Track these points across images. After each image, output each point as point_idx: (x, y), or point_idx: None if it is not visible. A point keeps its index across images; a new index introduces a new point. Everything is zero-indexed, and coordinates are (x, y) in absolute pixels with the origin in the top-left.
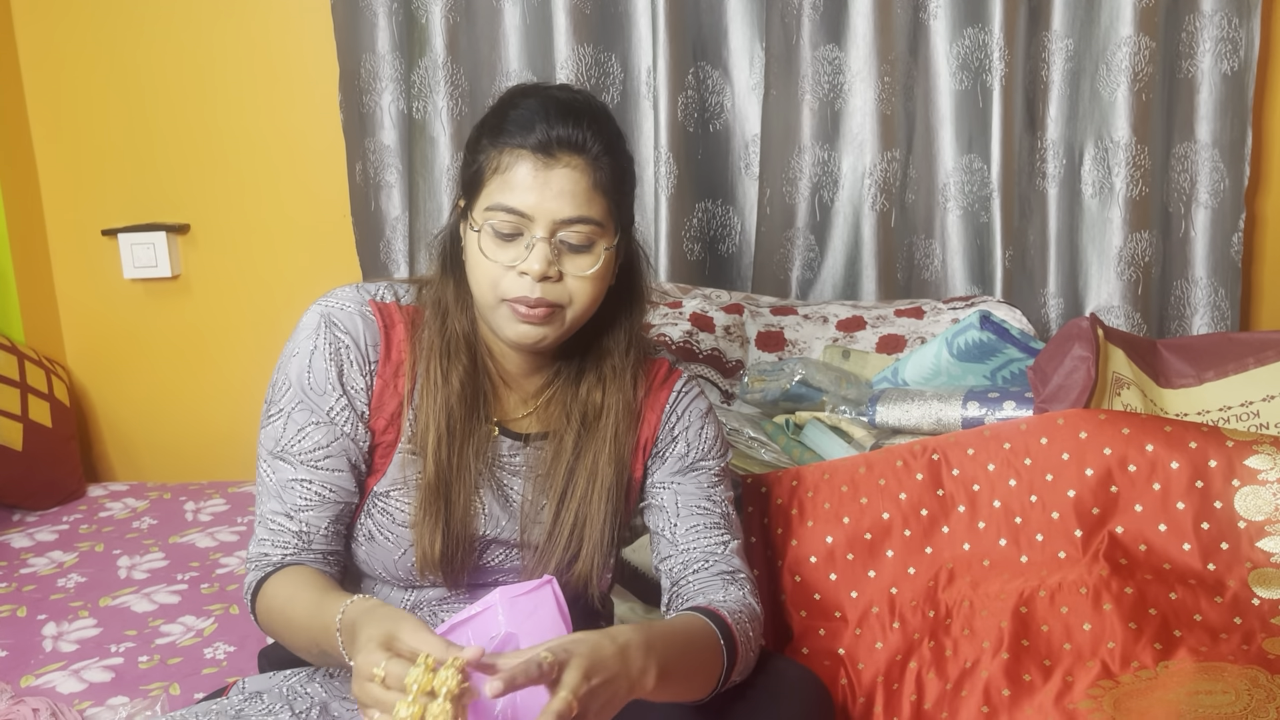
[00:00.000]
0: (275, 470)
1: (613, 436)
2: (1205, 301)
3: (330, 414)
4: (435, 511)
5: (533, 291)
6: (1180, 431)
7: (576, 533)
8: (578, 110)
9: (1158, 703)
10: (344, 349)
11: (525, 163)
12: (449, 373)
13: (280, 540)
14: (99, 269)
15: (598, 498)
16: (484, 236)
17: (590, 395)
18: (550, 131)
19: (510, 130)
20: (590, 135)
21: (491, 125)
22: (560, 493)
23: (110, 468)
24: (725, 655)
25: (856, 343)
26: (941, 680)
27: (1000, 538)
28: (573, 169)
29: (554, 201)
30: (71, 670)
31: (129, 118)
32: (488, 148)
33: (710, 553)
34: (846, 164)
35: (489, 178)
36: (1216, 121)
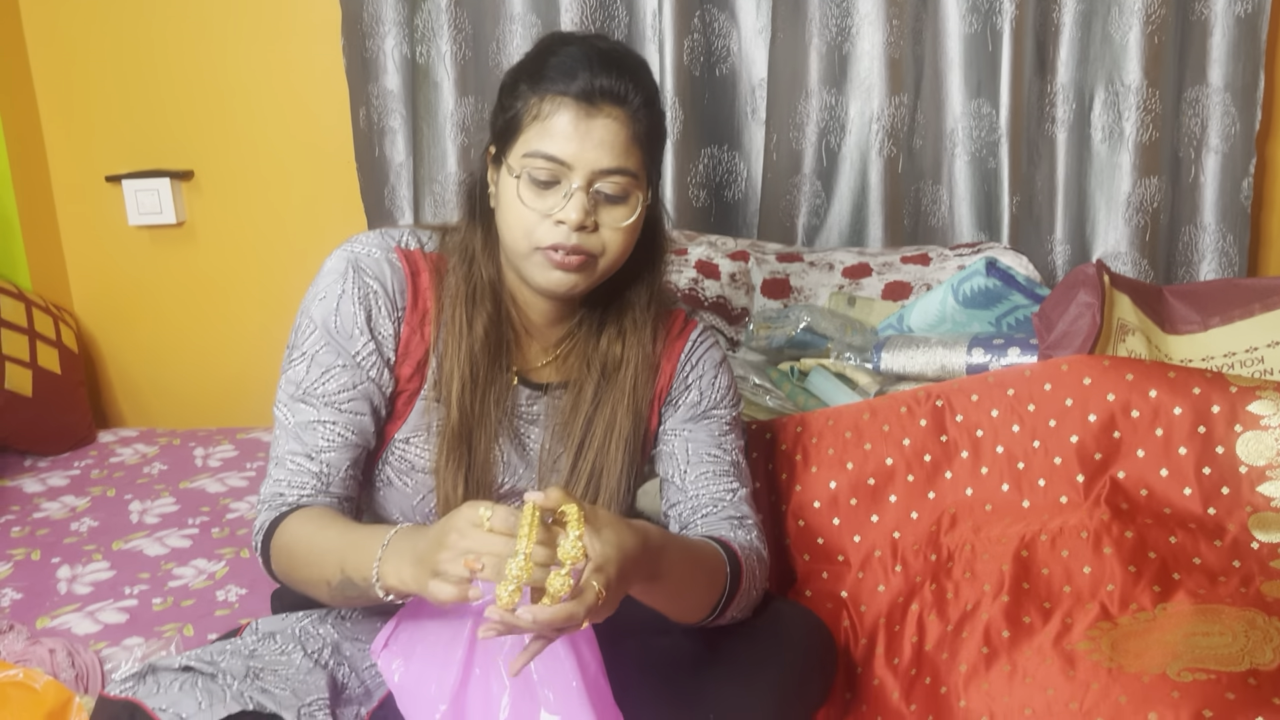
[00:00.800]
0: (295, 413)
1: (631, 388)
2: (1213, 248)
3: (356, 358)
4: (458, 457)
5: (569, 239)
6: (1184, 377)
7: (593, 482)
8: (620, 61)
9: (1155, 644)
10: (372, 295)
11: (567, 111)
12: (473, 319)
13: (298, 481)
14: (103, 216)
15: (615, 448)
16: (522, 184)
17: (610, 347)
18: (594, 81)
19: (552, 77)
20: (632, 87)
21: (531, 71)
22: (578, 443)
23: (120, 414)
24: (728, 583)
25: (862, 290)
26: (942, 622)
27: (1002, 483)
28: (614, 120)
29: (594, 151)
30: (86, 612)
31: (131, 62)
32: (526, 94)
33: (719, 499)
34: (854, 109)
35: (528, 124)
36: (1229, 65)
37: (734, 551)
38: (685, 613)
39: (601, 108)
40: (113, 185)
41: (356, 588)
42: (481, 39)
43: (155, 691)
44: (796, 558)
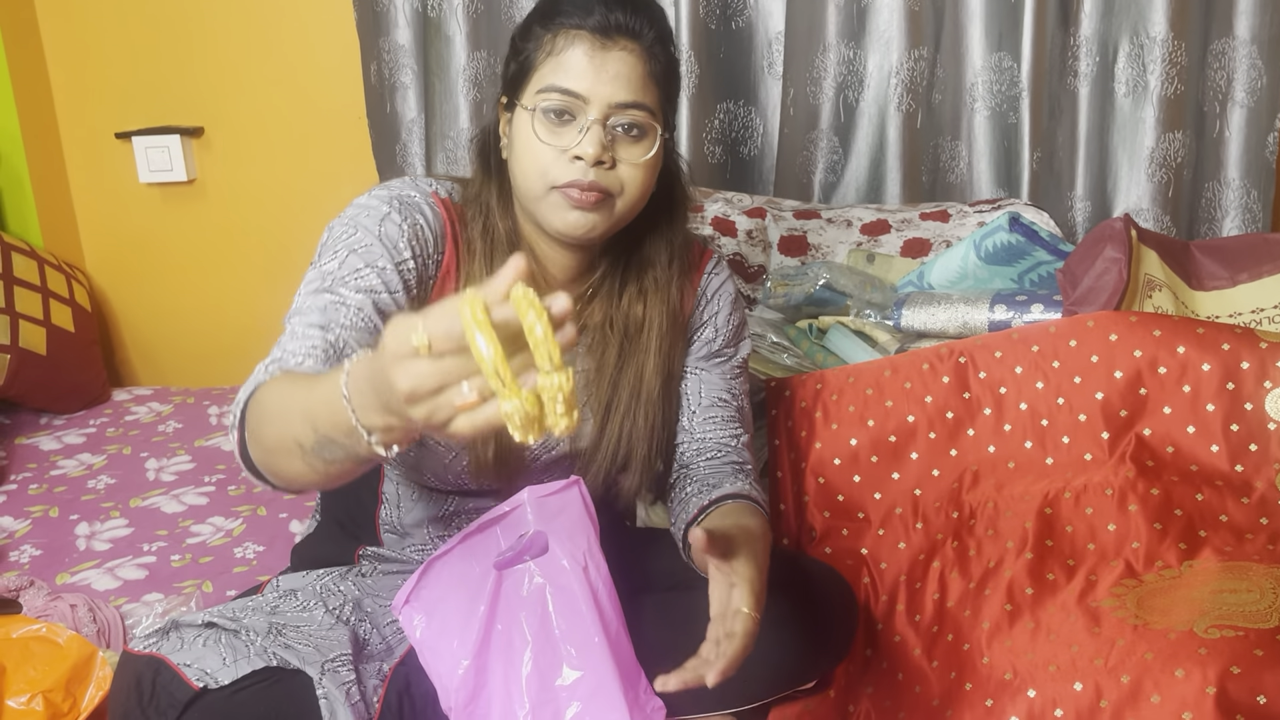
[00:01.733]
0: (315, 300)
1: (656, 349)
2: (1237, 204)
3: (400, 267)
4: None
5: (585, 175)
6: (1213, 333)
7: (624, 446)
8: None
9: (1181, 600)
10: (418, 229)
11: (581, 44)
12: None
13: (307, 346)
14: (114, 173)
15: (643, 411)
16: (536, 120)
17: (631, 307)
18: (609, 15)
19: (566, 11)
20: (646, 23)
21: (544, 9)
22: (605, 405)
23: (133, 372)
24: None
25: (881, 246)
26: (965, 579)
27: (1026, 440)
28: (629, 53)
29: (610, 85)
30: (106, 568)
31: (139, 18)
32: (539, 33)
33: (724, 444)
34: (872, 63)
35: (541, 61)
36: (1257, 16)
37: (762, 506)
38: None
39: (617, 40)
40: (123, 142)
41: (336, 444)
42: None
43: (179, 647)
44: (816, 514)
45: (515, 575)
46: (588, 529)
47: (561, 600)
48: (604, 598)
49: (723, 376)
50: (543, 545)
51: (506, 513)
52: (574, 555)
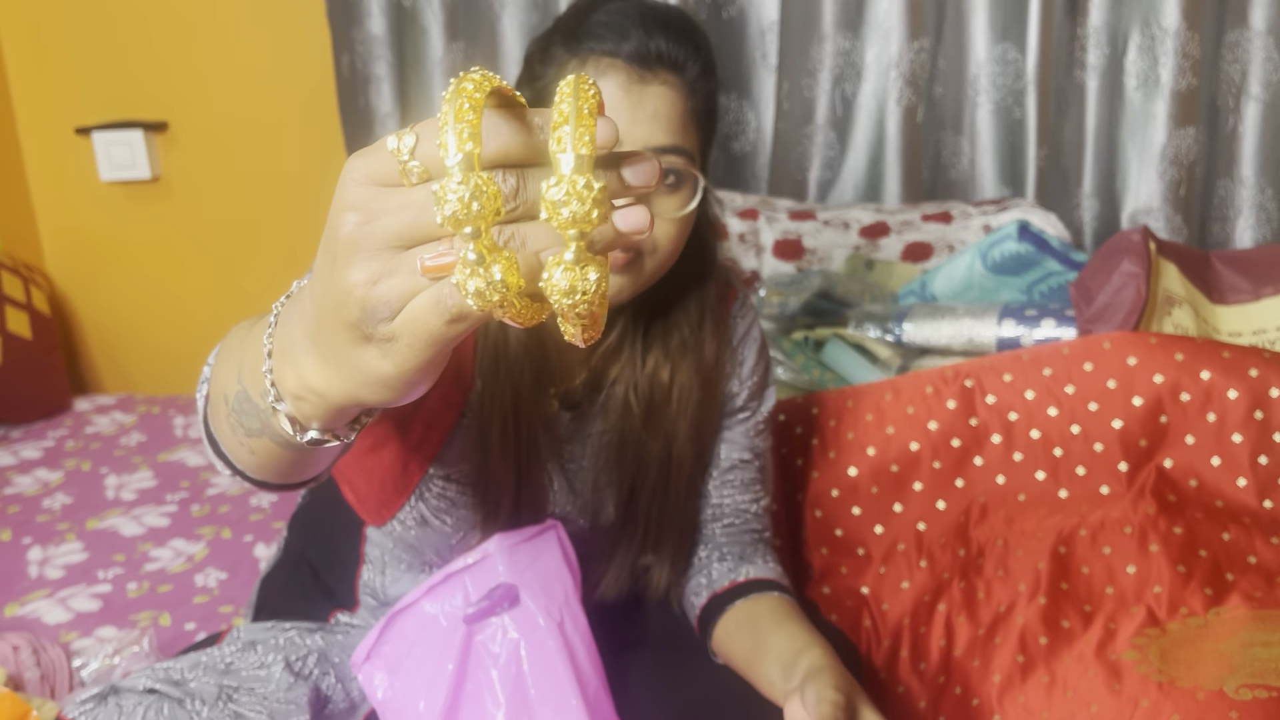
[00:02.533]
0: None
1: (688, 419)
2: (1251, 202)
3: None
4: (503, 491)
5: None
6: (1240, 358)
7: (653, 530)
8: (679, 22)
9: (1208, 654)
10: None
11: (616, 74)
12: (509, 338)
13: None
14: (74, 171)
15: (674, 490)
16: None
17: (658, 373)
18: (649, 41)
19: (599, 34)
20: (691, 52)
21: (569, 30)
22: (629, 482)
23: (98, 378)
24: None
25: (880, 250)
26: (973, 625)
27: (1038, 471)
28: (670, 88)
29: (646, 125)
30: (58, 598)
31: (100, 6)
32: (563, 57)
33: (742, 510)
34: (871, 54)
35: (552, 86)
36: (1273, 6)
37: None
38: None
39: (657, 73)
40: (82, 138)
41: (254, 406)
42: None
43: (115, 718)
44: (814, 551)
45: (486, 630)
46: (565, 579)
47: (536, 658)
48: (582, 656)
49: (745, 434)
50: (514, 597)
51: (474, 562)
52: (549, 610)
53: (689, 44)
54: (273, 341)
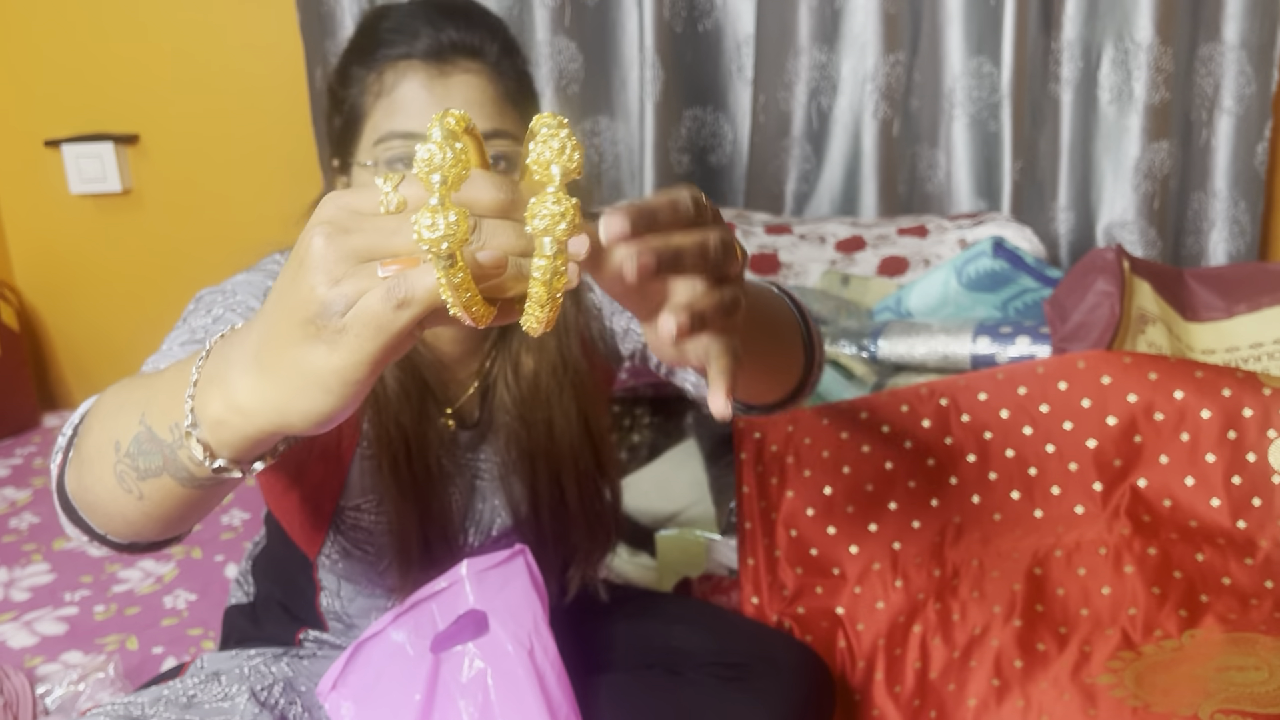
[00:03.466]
0: (183, 353)
1: (560, 400)
2: (1224, 215)
3: None
4: (407, 521)
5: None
6: (1213, 378)
7: (561, 515)
8: (467, 9)
9: (1184, 678)
10: None
11: (415, 75)
12: (384, 379)
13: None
14: (43, 184)
15: (568, 476)
16: (379, 174)
17: (522, 364)
18: (439, 34)
19: (390, 40)
20: (485, 36)
21: (360, 44)
22: (528, 482)
23: (68, 393)
24: (800, 321)
25: (856, 265)
26: (948, 648)
27: (1013, 490)
28: (474, 75)
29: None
30: (23, 622)
31: (69, 18)
32: (361, 75)
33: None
34: (847, 67)
35: (371, 106)
36: (1245, 21)
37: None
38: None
39: (457, 64)
40: (51, 150)
41: (156, 443)
42: None
43: None
44: (788, 570)
45: (454, 658)
46: (534, 605)
47: (505, 686)
48: (551, 682)
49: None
50: (482, 624)
51: (443, 589)
52: (518, 637)
53: (482, 28)
54: (201, 371)
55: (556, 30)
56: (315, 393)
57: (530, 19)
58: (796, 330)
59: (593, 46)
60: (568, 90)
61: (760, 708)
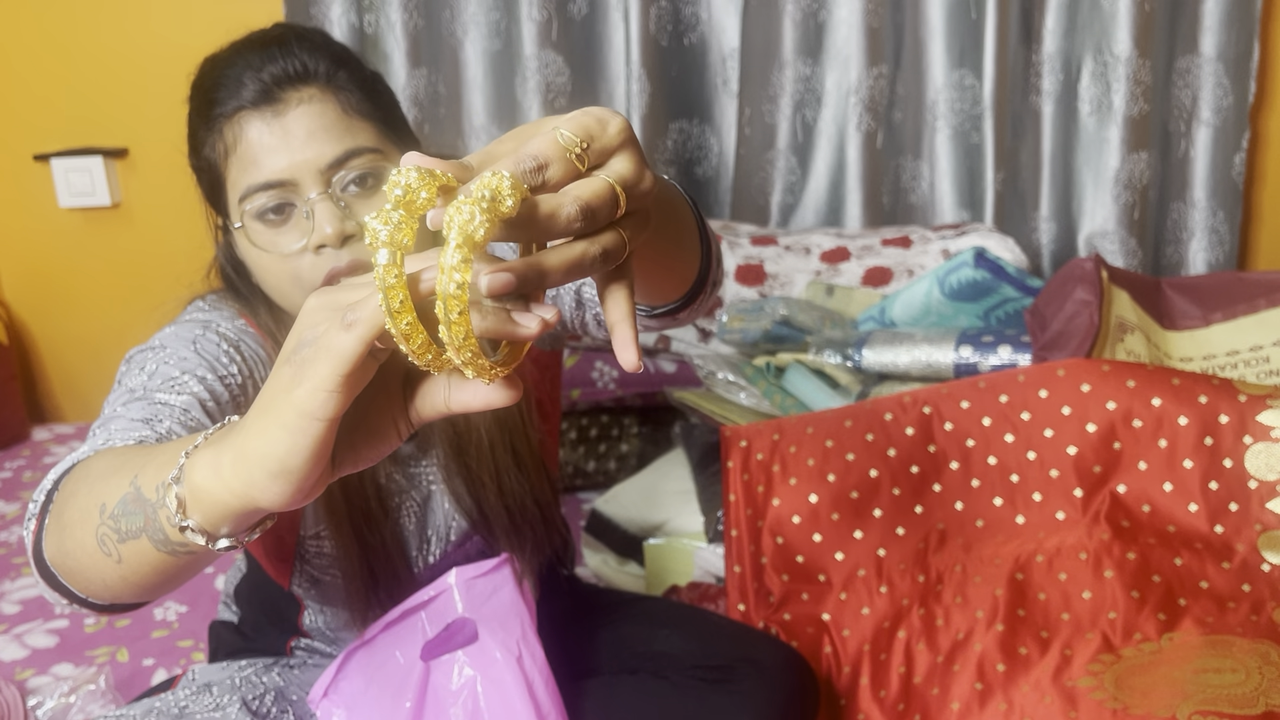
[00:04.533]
0: (131, 409)
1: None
2: (1203, 225)
3: (225, 380)
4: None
5: (340, 260)
6: (1190, 385)
7: (510, 511)
8: (280, 39)
9: (1162, 680)
10: (241, 347)
11: (252, 124)
12: None
13: (123, 438)
14: (32, 198)
15: (506, 464)
16: (254, 231)
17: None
18: (261, 73)
19: (219, 99)
20: (308, 56)
21: (197, 109)
22: (466, 476)
23: (57, 407)
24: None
25: (841, 275)
26: (932, 652)
27: (995, 497)
28: (311, 100)
29: (307, 148)
30: (14, 635)
31: (58, 32)
32: (206, 137)
33: None
34: (831, 80)
35: (224, 166)
36: (1222, 34)
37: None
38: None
39: (288, 97)
40: (41, 164)
41: (140, 503)
42: (434, 6)
43: None
44: (774, 577)
45: (443, 666)
46: (521, 613)
47: (494, 693)
48: (540, 688)
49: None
50: (471, 633)
51: (432, 598)
52: (507, 644)
53: (302, 51)
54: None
55: (544, 44)
56: (278, 434)
57: (518, 32)
58: (693, 227)
59: (579, 60)
60: (554, 104)
61: (745, 709)
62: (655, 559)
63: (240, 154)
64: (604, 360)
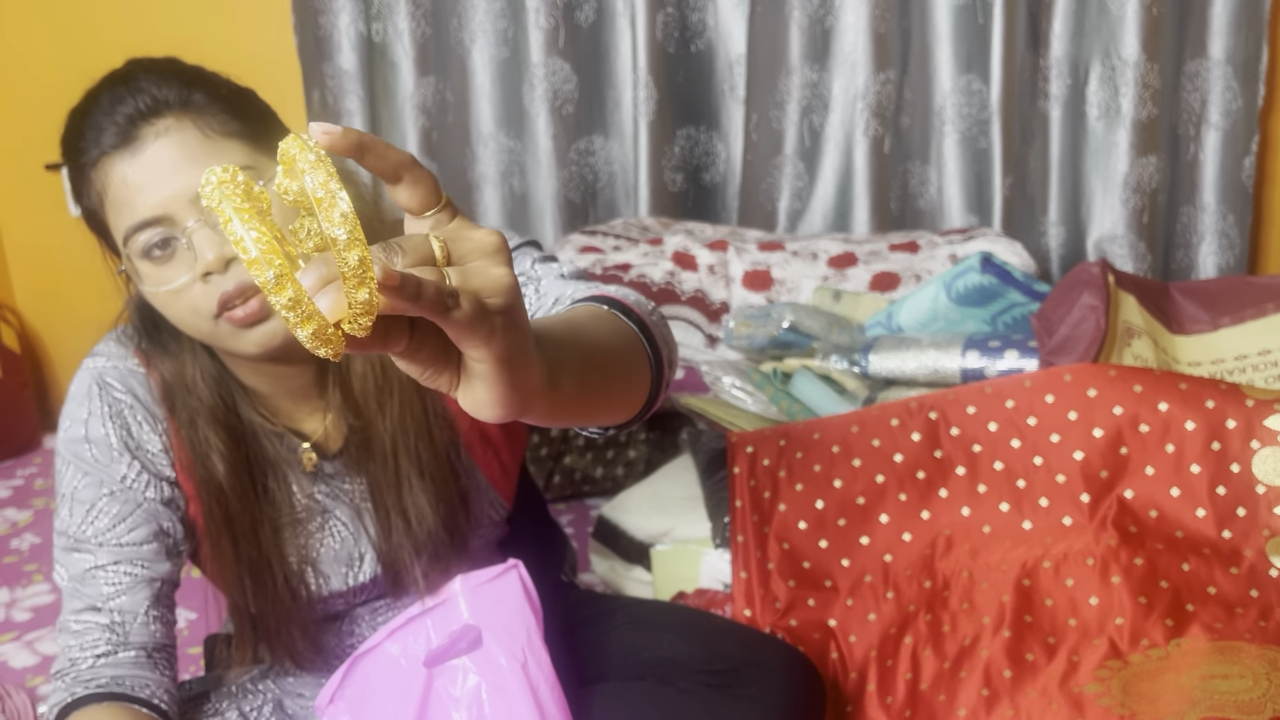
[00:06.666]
0: (70, 565)
1: (394, 415)
2: (1213, 229)
3: (124, 482)
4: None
5: (229, 284)
6: (1197, 389)
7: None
8: (129, 76)
9: (1169, 686)
10: (126, 409)
11: (115, 166)
12: (209, 461)
13: (89, 640)
14: (44, 206)
15: (419, 489)
16: (145, 269)
17: (351, 365)
18: (115, 114)
19: (81, 150)
20: (157, 88)
21: (66, 160)
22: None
23: None
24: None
25: (848, 281)
26: (939, 658)
27: (1001, 502)
28: (169, 132)
29: (173, 179)
30: (25, 641)
31: (69, 42)
32: (80, 185)
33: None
34: (838, 86)
35: (103, 212)
36: (1230, 37)
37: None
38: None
39: (143, 134)
40: (52, 174)
41: None
42: (441, 15)
43: None
44: (780, 583)
45: (448, 673)
46: (528, 619)
47: (499, 700)
48: (545, 695)
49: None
50: (476, 639)
51: (437, 604)
52: (512, 651)
53: (151, 84)
54: None
55: (551, 52)
56: None
57: (525, 40)
58: (641, 357)
59: (587, 67)
60: (562, 110)
61: (752, 713)
62: (662, 565)
63: (113, 198)
64: None
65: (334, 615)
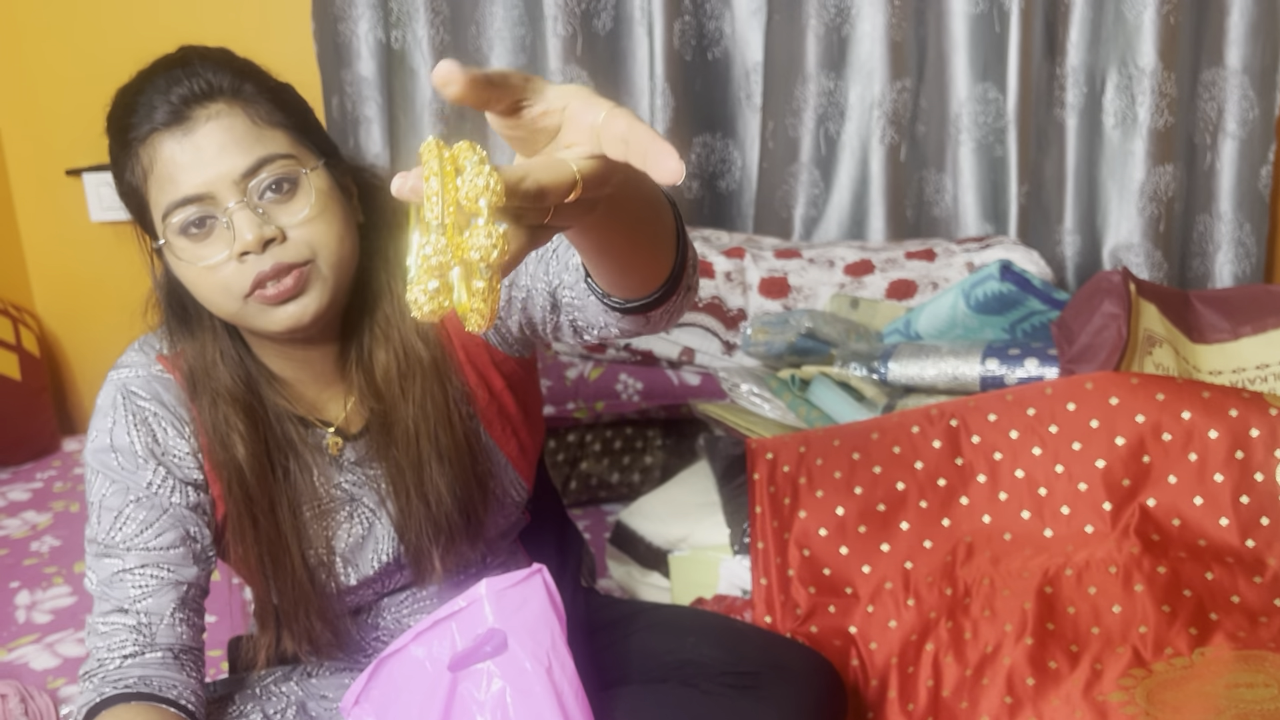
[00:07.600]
0: (100, 570)
1: (413, 386)
2: (1229, 238)
3: (150, 489)
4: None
5: (263, 265)
6: (1220, 398)
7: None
8: (185, 60)
9: (1194, 695)
10: (151, 416)
11: (165, 143)
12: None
13: (116, 641)
14: (65, 211)
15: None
16: (182, 245)
17: (374, 358)
18: (170, 95)
19: (135, 124)
20: (212, 74)
21: (114, 136)
22: (417, 471)
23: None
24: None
25: (865, 288)
26: (961, 665)
27: (1023, 510)
28: (219, 115)
29: (219, 161)
30: (45, 644)
31: (89, 49)
32: (125, 161)
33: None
34: (854, 94)
35: (145, 188)
36: (1247, 46)
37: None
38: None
39: (196, 115)
40: (73, 179)
41: None
42: (460, 22)
43: None
44: (801, 590)
45: (472, 677)
46: (552, 623)
47: (523, 704)
48: (570, 699)
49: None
50: (501, 643)
51: (462, 608)
52: (536, 655)
53: (206, 70)
54: None
55: (568, 59)
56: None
57: (543, 47)
58: (669, 222)
59: (604, 75)
60: None
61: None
62: (680, 571)
63: (158, 174)
64: (628, 373)
65: (357, 609)
